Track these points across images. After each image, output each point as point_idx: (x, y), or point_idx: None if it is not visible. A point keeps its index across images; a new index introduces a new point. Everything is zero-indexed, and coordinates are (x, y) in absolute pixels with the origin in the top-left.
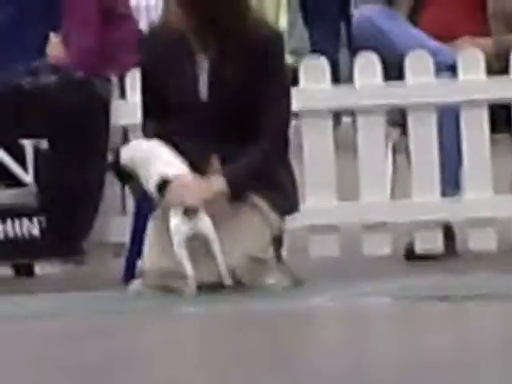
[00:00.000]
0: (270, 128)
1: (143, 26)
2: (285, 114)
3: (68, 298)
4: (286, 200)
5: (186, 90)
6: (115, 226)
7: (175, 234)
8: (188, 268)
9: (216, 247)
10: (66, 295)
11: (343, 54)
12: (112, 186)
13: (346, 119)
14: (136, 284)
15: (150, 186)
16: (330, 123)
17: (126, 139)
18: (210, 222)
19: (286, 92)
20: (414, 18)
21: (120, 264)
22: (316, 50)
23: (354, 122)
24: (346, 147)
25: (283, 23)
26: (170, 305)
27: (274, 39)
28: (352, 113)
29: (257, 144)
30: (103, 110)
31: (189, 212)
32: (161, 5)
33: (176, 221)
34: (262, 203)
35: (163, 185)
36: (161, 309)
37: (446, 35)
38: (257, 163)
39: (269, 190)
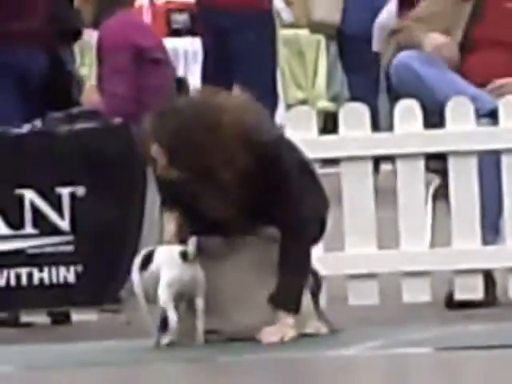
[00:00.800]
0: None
1: (181, 72)
2: (308, 211)
3: (105, 347)
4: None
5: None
6: None
7: (168, 287)
8: (172, 319)
9: (199, 305)
10: (103, 344)
11: (382, 100)
12: (150, 235)
13: (385, 166)
14: (171, 333)
15: None
16: (369, 170)
17: None
18: (202, 275)
19: (298, 192)
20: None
21: (156, 313)
22: (355, 96)
23: (393, 168)
24: (385, 194)
25: (322, 70)
26: (204, 354)
27: (266, 156)
28: (391, 159)
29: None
30: (139, 155)
31: (187, 256)
32: (199, 50)
33: (171, 274)
34: None
35: None
36: (196, 358)
37: (490, 80)
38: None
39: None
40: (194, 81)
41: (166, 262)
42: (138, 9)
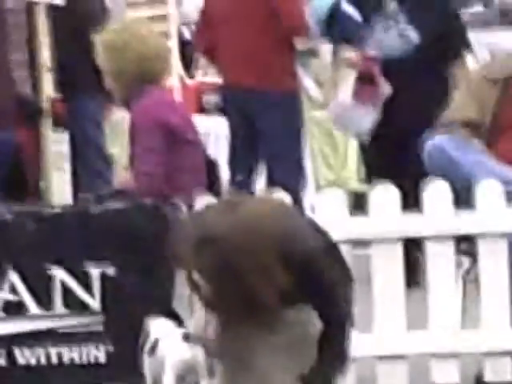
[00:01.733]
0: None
1: (212, 152)
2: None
3: None
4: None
5: None
6: None
7: (172, 368)
8: None
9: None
10: None
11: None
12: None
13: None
14: None
15: None
16: (399, 251)
17: None
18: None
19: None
20: (491, 140)
21: None
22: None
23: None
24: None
25: (353, 151)
26: None
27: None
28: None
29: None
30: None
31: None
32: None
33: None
34: None
35: None
36: None
37: None
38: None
39: None
40: (223, 161)
41: (168, 343)
42: (169, 87)
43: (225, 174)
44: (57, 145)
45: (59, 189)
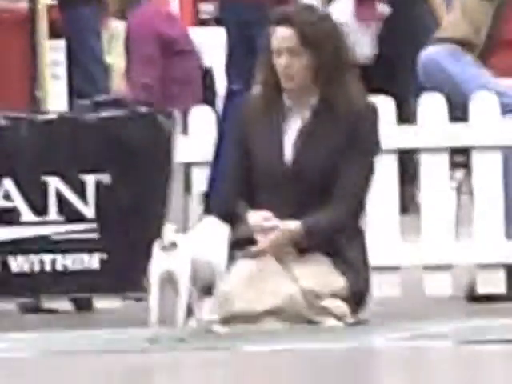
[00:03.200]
0: (349, 194)
1: (207, 62)
2: (364, 188)
3: (125, 334)
4: (356, 280)
5: (271, 155)
6: None
7: (153, 271)
8: (153, 304)
9: (182, 289)
10: (125, 331)
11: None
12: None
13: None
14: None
15: None
16: (395, 162)
17: (187, 176)
18: (186, 260)
19: (370, 166)
20: (485, 57)
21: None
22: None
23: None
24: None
25: None
26: (230, 342)
27: (368, 114)
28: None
29: (335, 205)
30: (166, 145)
31: (167, 247)
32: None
33: (156, 257)
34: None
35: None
36: (223, 347)
37: None
38: (334, 221)
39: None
40: (219, 71)
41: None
42: None
43: (221, 84)
44: (53, 53)
45: (55, 97)
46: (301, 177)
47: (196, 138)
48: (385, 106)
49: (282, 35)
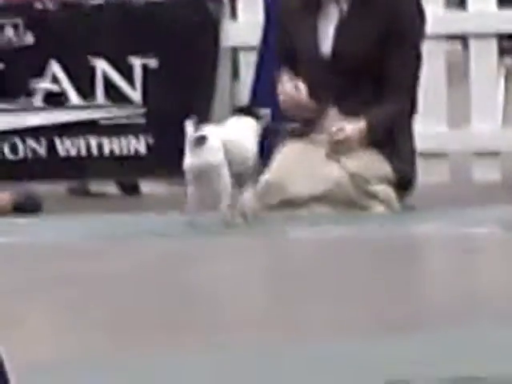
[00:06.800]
0: (401, 87)
1: None
2: (415, 76)
3: (169, 219)
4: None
5: (308, 45)
6: None
7: (187, 168)
8: (191, 199)
9: (222, 182)
10: (171, 216)
11: None
12: (219, 108)
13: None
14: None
15: None
16: (442, 49)
17: (235, 60)
18: (219, 152)
19: (416, 54)
20: None
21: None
22: None
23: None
24: (457, 74)
25: None
26: (274, 228)
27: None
28: (463, 39)
29: (390, 100)
30: (214, 29)
31: (198, 142)
32: None
33: (187, 153)
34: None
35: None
36: (266, 233)
37: None
38: (392, 116)
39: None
40: None
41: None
42: None
43: None
44: None
45: None
46: (340, 65)
47: (244, 23)
48: None
49: None
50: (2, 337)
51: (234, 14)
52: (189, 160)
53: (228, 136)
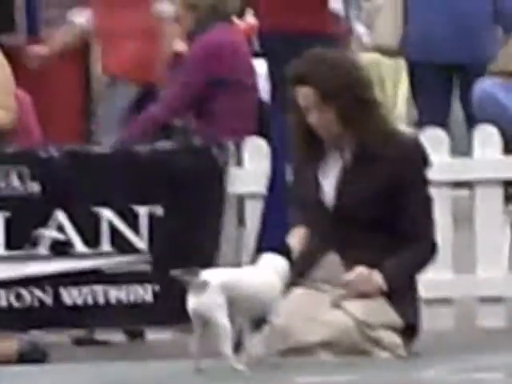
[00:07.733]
0: (424, 234)
1: (263, 94)
2: (432, 221)
3: (176, 367)
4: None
5: (311, 194)
6: None
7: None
8: (193, 345)
9: (220, 325)
10: (176, 363)
11: (457, 126)
12: (227, 256)
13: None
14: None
15: None
16: (448, 195)
17: (241, 208)
18: (217, 300)
19: (428, 197)
20: None
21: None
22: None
23: (470, 194)
24: (462, 220)
25: (402, 95)
26: (283, 373)
27: (413, 148)
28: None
29: (409, 249)
30: (220, 177)
31: (196, 286)
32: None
33: (188, 298)
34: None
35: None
36: (273, 379)
37: None
38: (413, 265)
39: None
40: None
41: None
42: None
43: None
44: None
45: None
46: (344, 215)
47: (250, 170)
48: (438, 137)
49: (303, 95)
50: None
51: (239, 161)
52: (190, 305)
53: (249, 279)
